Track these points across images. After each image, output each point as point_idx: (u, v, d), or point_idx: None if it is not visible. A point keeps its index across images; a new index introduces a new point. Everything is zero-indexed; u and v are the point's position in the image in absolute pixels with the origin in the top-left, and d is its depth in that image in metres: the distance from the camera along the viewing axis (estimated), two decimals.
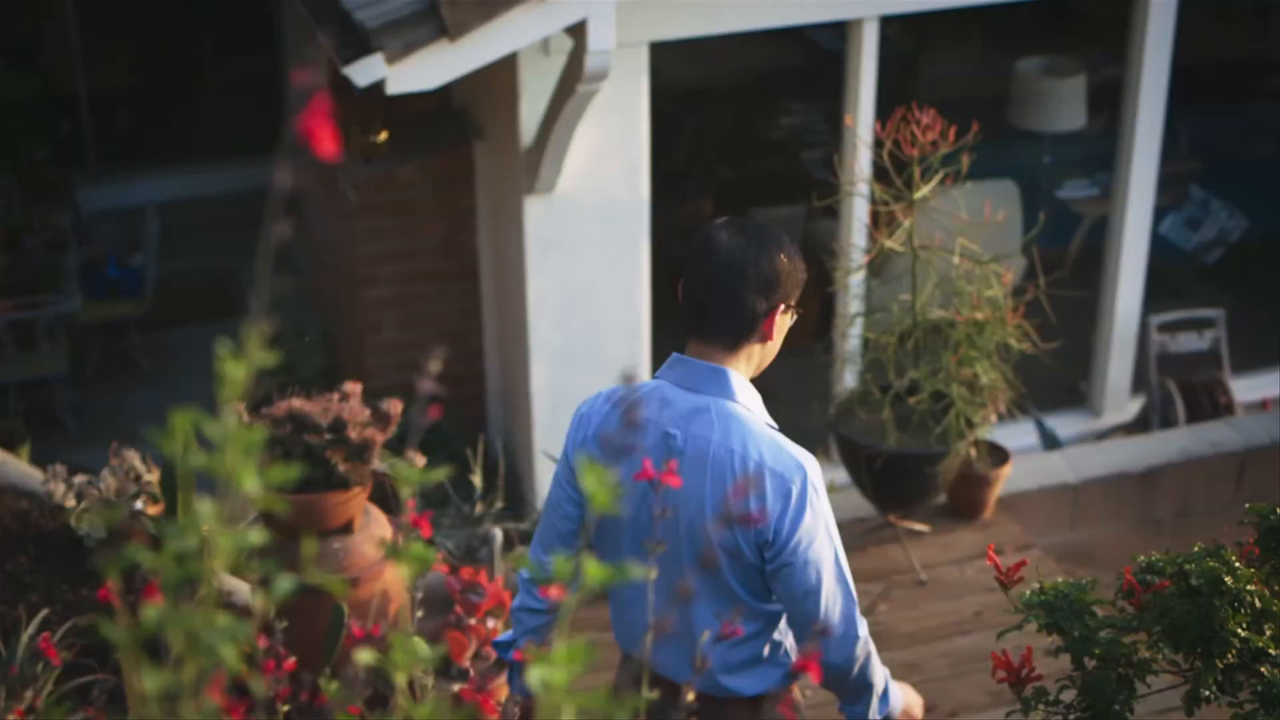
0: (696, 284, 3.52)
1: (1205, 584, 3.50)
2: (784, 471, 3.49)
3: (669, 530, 3.55)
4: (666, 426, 3.51)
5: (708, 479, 3.49)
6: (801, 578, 3.52)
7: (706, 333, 3.52)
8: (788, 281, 3.53)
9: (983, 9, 7.47)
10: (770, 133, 9.55)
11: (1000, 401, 6.27)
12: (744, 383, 3.55)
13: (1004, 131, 9.13)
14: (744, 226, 3.54)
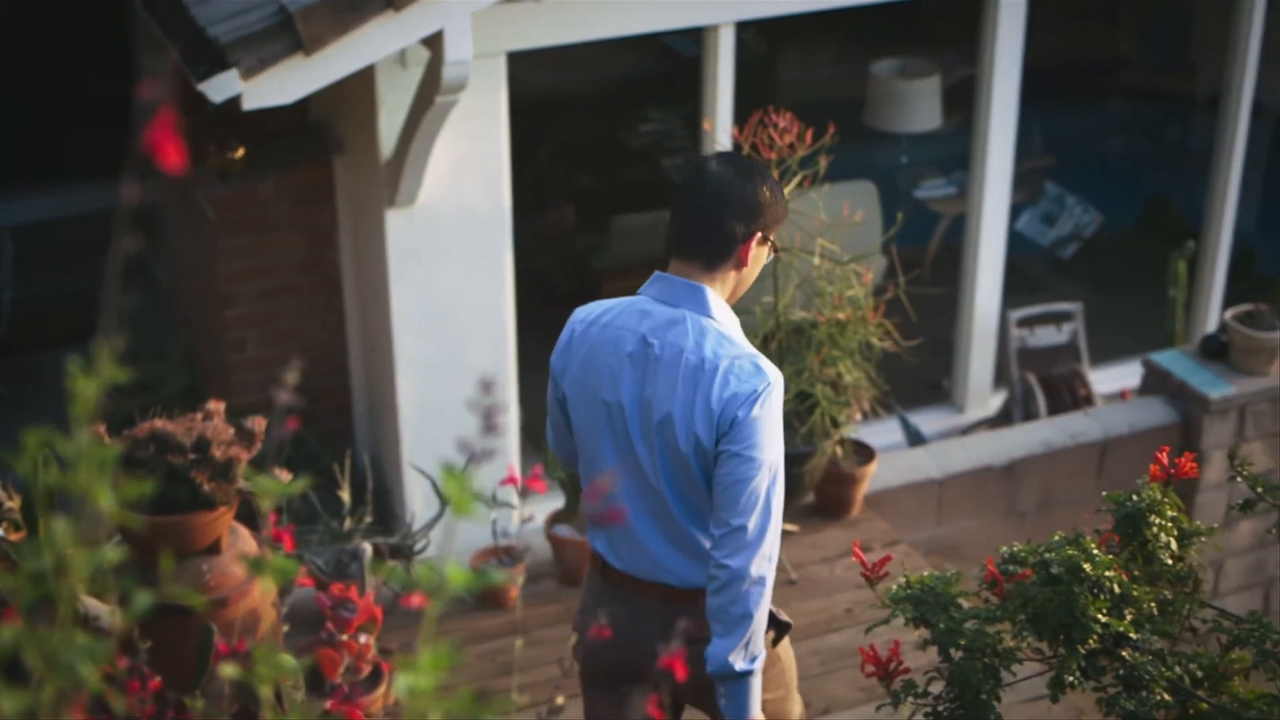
0: (684, 207, 3.87)
1: (1065, 572, 3.56)
2: (748, 376, 3.77)
3: (645, 432, 3.85)
4: (645, 334, 3.85)
5: (680, 382, 3.79)
6: (740, 467, 3.75)
7: (688, 253, 3.85)
8: (767, 213, 3.86)
9: (837, 13, 7.55)
10: (631, 140, 9.59)
11: (864, 400, 6.34)
12: (719, 301, 3.87)
13: (861, 133, 9.23)
14: (733, 158, 3.94)
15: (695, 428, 3.78)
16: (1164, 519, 3.80)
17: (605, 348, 3.90)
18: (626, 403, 3.87)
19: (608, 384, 3.89)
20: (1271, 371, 7.58)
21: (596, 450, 3.95)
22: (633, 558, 3.99)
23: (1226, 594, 7.88)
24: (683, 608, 3.91)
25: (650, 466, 3.87)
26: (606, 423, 3.91)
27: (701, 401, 3.77)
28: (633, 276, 8.92)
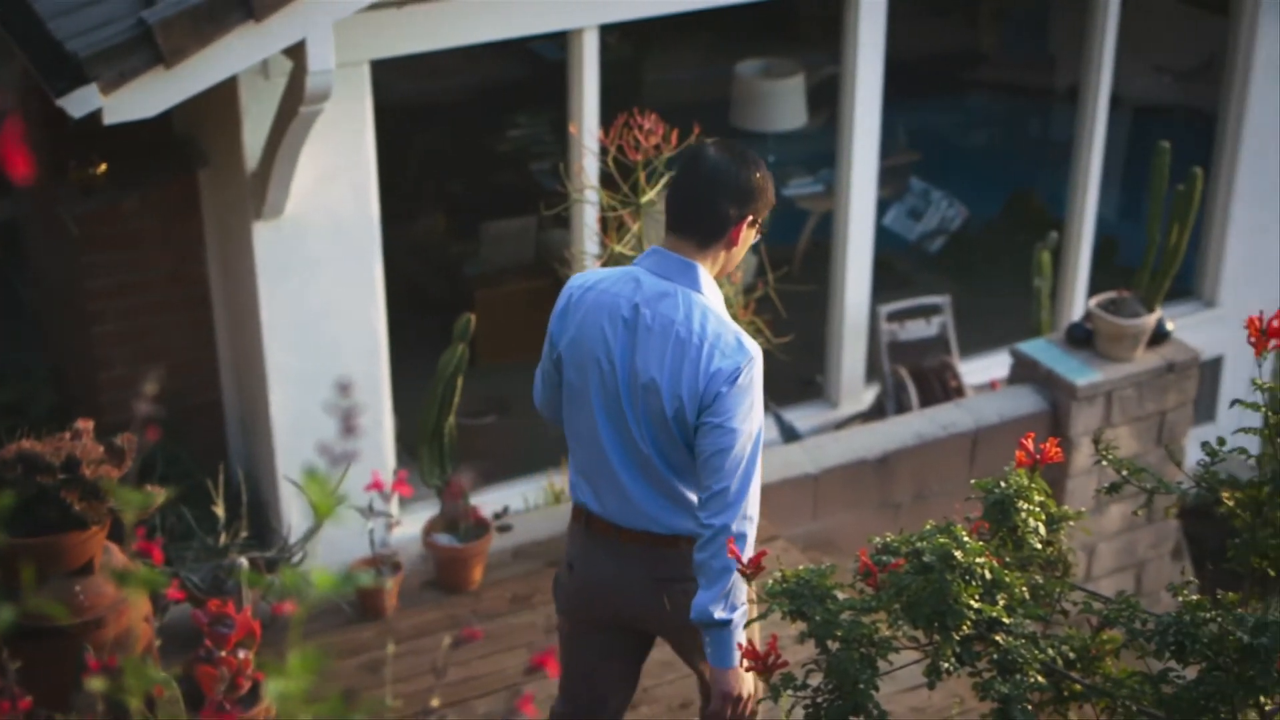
0: (681, 189, 4.20)
1: (938, 560, 3.61)
2: (732, 352, 4.08)
3: (633, 396, 4.16)
4: (639, 303, 4.14)
5: (668, 352, 4.10)
6: (721, 438, 4.07)
7: (684, 231, 4.16)
8: (759, 198, 4.18)
9: (701, 14, 7.59)
10: (498, 145, 9.58)
11: None
12: (709, 279, 4.18)
13: (728, 133, 9.28)
14: (730, 146, 4.22)
15: (680, 395, 4.09)
16: (1032, 504, 3.86)
17: (600, 312, 4.19)
18: (618, 365, 4.17)
19: (601, 346, 4.19)
20: (1136, 357, 7.71)
21: (587, 407, 4.25)
22: (618, 507, 4.28)
23: (1099, 577, 8.00)
24: (664, 552, 4.28)
25: (636, 424, 4.18)
26: (598, 382, 4.21)
27: (689, 372, 4.08)
28: (504, 282, 8.98)
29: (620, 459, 4.23)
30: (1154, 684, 3.84)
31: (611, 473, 4.26)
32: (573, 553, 4.46)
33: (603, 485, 4.30)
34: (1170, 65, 11.02)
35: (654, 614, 4.38)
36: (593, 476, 4.32)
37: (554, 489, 7.50)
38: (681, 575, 4.26)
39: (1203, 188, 7.80)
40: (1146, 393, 7.75)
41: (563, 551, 4.58)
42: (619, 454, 4.23)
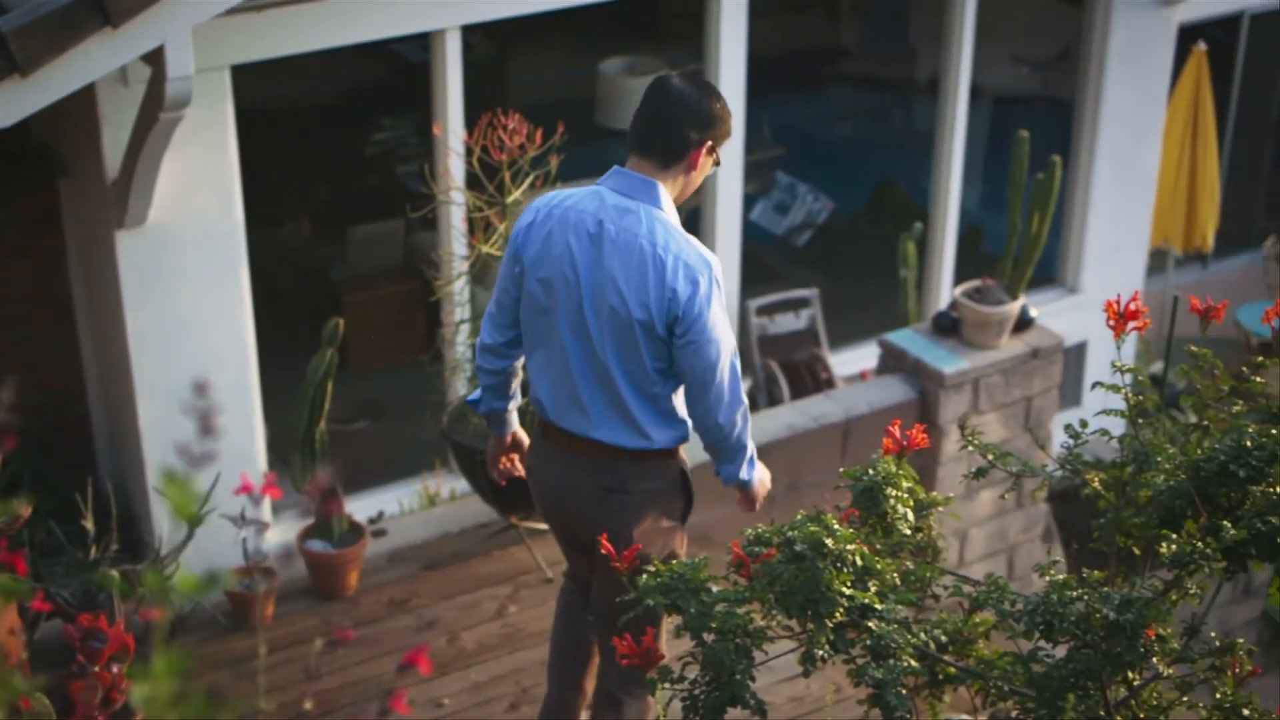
0: (646, 112, 4.44)
1: (809, 549, 3.65)
2: (694, 264, 4.35)
3: (597, 307, 4.40)
4: (603, 219, 4.38)
5: (633, 265, 4.34)
6: (704, 353, 4.39)
7: (646, 152, 4.42)
8: (718, 124, 4.44)
9: (564, 13, 7.60)
10: (364, 149, 9.53)
11: None
12: (669, 198, 4.43)
13: (594, 132, 9.30)
14: (692, 77, 4.53)
15: (648, 304, 4.35)
16: (900, 491, 3.91)
17: (566, 227, 4.42)
18: (583, 277, 4.40)
19: (566, 259, 4.42)
20: (1001, 344, 7.82)
21: (551, 319, 4.49)
22: (572, 417, 4.57)
23: (972, 562, 8.10)
24: (609, 462, 4.58)
25: (598, 334, 4.43)
26: (564, 295, 4.43)
27: (654, 282, 4.33)
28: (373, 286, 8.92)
29: (580, 368, 4.50)
30: (1025, 664, 3.91)
31: (571, 382, 4.53)
32: (531, 460, 4.84)
33: (562, 395, 4.57)
34: (1028, 55, 11.18)
35: (594, 520, 4.65)
36: (553, 387, 4.58)
37: (428, 492, 7.48)
38: (623, 487, 4.61)
39: (1062, 175, 7.92)
40: (1013, 379, 7.86)
41: (439, 553, 4.68)
42: (579, 363, 4.49)
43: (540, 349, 4.57)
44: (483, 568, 6.64)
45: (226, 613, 6.34)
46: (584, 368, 4.49)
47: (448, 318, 7.20)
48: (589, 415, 4.54)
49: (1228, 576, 3.81)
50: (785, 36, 10.15)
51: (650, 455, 4.63)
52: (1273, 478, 3.85)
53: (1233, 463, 3.84)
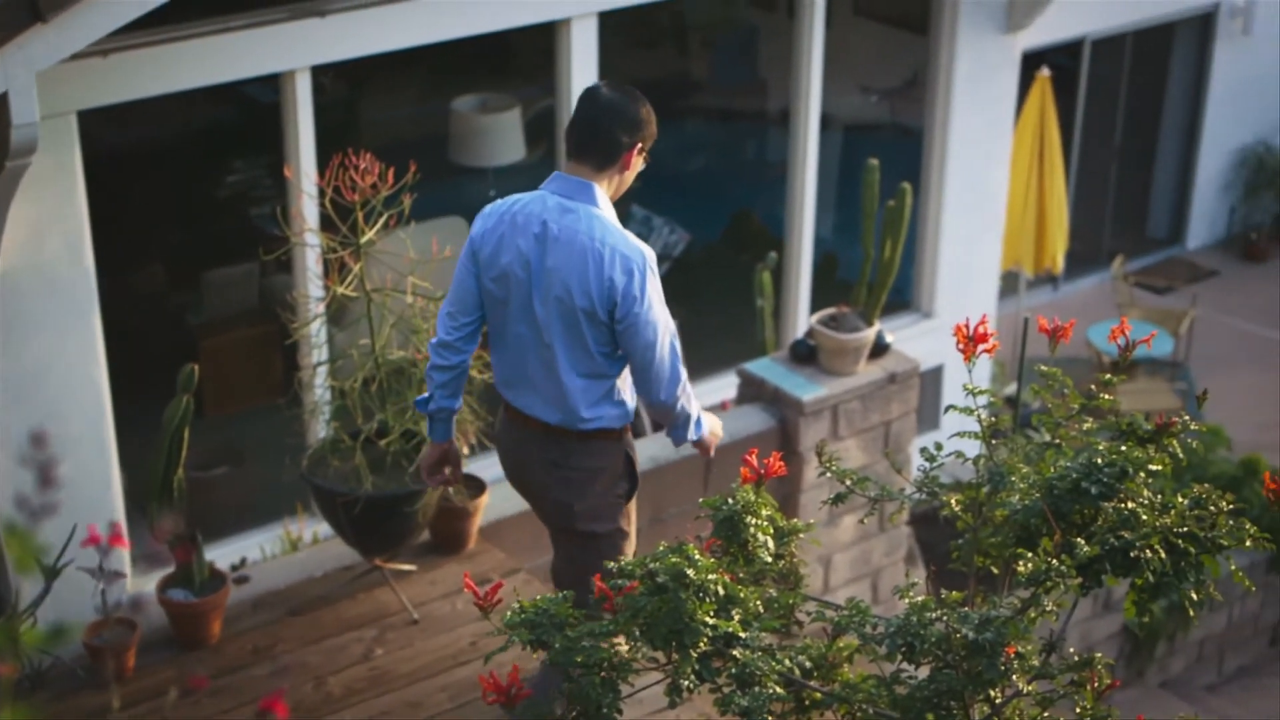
0: (581, 121, 4.91)
1: (671, 580, 3.66)
2: (629, 255, 4.81)
3: (545, 299, 4.86)
4: (546, 220, 4.85)
5: (575, 258, 4.80)
6: (644, 334, 4.86)
7: (582, 157, 4.89)
8: (646, 128, 4.94)
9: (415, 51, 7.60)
10: (217, 192, 9.44)
11: (470, 433, 6.37)
12: (605, 197, 4.90)
13: (448, 169, 9.29)
14: (619, 86, 4.98)
15: (590, 293, 4.80)
16: (760, 519, 3.93)
17: (515, 230, 4.90)
18: (532, 271, 4.87)
19: (518, 258, 4.89)
20: (858, 370, 7.89)
21: (506, 310, 4.98)
22: (525, 398, 5.09)
23: (837, 587, 8.16)
24: (556, 439, 5.07)
25: (545, 323, 4.90)
26: (516, 288, 4.91)
27: (594, 274, 4.78)
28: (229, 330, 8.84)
29: (531, 354, 4.99)
30: (888, 686, 3.94)
31: (523, 367, 5.04)
32: (498, 434, 5.36)
33: (516, 378, 5.09)
34: (876, 84, 11.32)
35: (544, 490, 5.22)
36: (509, 372, 5.10)
37: (290, 537, 7.42)
38: (566, 463, 5.10)
39: (913, 202, 8.02)
40: (871, 404, 7.94)
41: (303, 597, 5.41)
42: (530, 350, 4.98)
43: (499, 338, 5.09)
44: (348, 611, 6.58)
45: (86, 666, 6.23)
46: (534, 354, 4.98)
47: (305, 360, 7.15)
48: (538, 397, 5.05)
49: (1084, 592, 3.87)
50: (636, 70, 10.21)
51: (592, 435, 5.08)
52: (1124, 494, 3.92)
53: (1085, 480, 3.90)
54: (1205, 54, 15.91)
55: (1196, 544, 3.86)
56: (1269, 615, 11.59)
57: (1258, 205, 16.73)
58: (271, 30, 7.17)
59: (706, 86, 11.30)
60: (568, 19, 8.16)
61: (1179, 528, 3.86)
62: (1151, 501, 3.95)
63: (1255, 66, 16.13)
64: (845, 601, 4.01)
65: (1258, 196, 16.66)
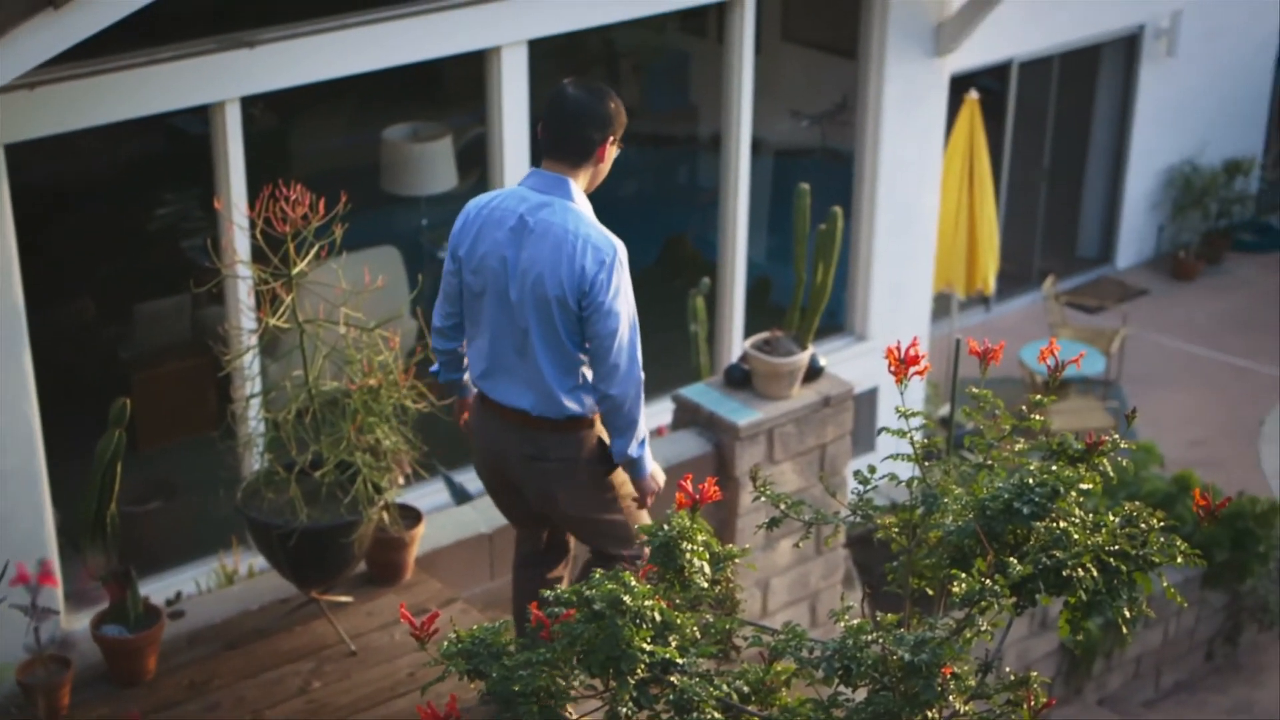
0: (553, 123, 5.13)
1: (607, 607, 3.66)
2: (601, 246, 5.05)
3: (520, 290, 5.09)
4: (523, 213, 5.09)
5: (549, 249, 5.04)
6: (605, 322, 5.07)
7: (558, 155, 5.13)
8: (616, 121, 5.16)
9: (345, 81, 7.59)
10: (148, 224, 9.39)
11: (405, 463, 6.35)
12: (579, 191, 5.15)
13: (380, 199, 9.28)
14: (585, 84, 5.16)
15: (561, 282, 5.02)
16: (695, 545, 3.94)
17: (493, 224, 5.15)
18: (509, 263, 5.10)
19: (495, 251, 5.13)
20: (793, 394, 7.91)
21: (482, 305, 5.22)
22: (503, 388, 5.28)
23: (775, 611, 8.17)
24: (532, 432, 5.27)
25: (521, 313, 5.12)
26: (494, 280, 5.14)
27: (566, 263, 5.01)
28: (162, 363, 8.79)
29: (507, 345, 5.20)
30: (826, 709, 3.95)
31: (500, 358, 5.25)
32: (474, 424, 5.53)
33: (493, 369, 5.28)
34: (806, 109, 11.38)
35: (523, 483, 5.42)
36: (486, 363, 5.30)
37: (225, 570, 7.37)
38: (543, 455, 5.29)
39: (844, 225, 8.06)
40: (806, 428, 7.96)
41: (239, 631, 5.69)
42: (507, 341, 5.20)
43: (477, 329, 5.31)
44: (285, 644, 6.54)
45: (20, 704, 6.17)
46: (510, 345, 5.20)
47: (238, 392, 7.12)
48: (515, 385, 5.25)
49: (1018, 612, 3.89)
50: None
51: (565, 425, 5.27)
52: (1056, 513, 3.95)
53: (1016, 500, 3.93)
54: (1131, 75, 16.07)
55: (1128, 561, 3.89)
56: (1204, 630, 11.68)
57: (1185, 224, 16.91)
58: (200, 61, 7.15)
59: (638, 112, 11.31)
60: (498, 47, 8.17)
61: (1110, 546, 3.88)
62: (1083, 520, 3.97)
63: (1180, 87, 16.31)
64: (782, 625, 4.02)
65: (1185, 215, 16.84)
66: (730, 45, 9.27)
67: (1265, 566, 11.57)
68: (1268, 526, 11.42)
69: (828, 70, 11.09)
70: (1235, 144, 17.16)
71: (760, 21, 9.41)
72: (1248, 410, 14.51)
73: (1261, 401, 14.65)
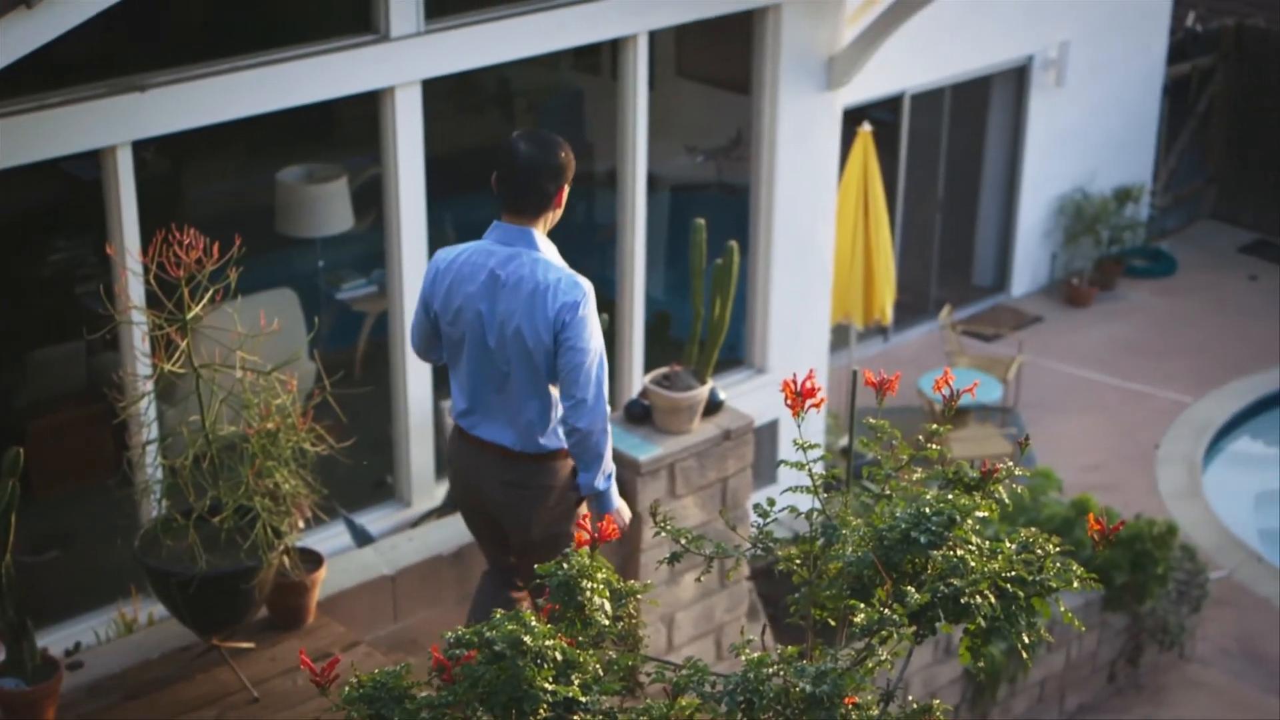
0: (507, 179, 5.45)
1: (508, 647, 3.65)
2: (571, 289, 5.43)
3: (499, 338, 5.46)
4: (493, 267, 5.45)
5: (524, 298, 5.41)
6: (574, 357, 5.42)
7: (517, 209, 5.48)
8: (568, 169, 5.50)
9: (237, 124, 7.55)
10: (39, 270, 9.29)
11: (305, 507, 6.32)
12: (543, 238, 5.52)
13: (276, 241, 9.23)
14: (534, 137, 5.48)
15: (537, 328, 5.41)
16: (595, 582, 3.94)
17: (464, 279, 5.50)
18: (485, 315, 5.46)
19: (469, 305, 5.49)
20: (693, 429, 7.94)
21: (461, 351, 5.59)
22: (483, 426, 5.65)
23: (680, 645, 8.18)
24: (510, 463, 5.63)
25: (501, 358, 5.50)
26: (470, 331, 5.50)
27: (540, 309, 5.39)
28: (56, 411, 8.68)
29: (487, 387, 5.57)
30: None
31: (480, 398, 5.61)
32: (450, 453, 5.97)
33: (475, 408, 5.65)
34: (701, 144, 11.44)
35: (501, 509, 5.75)
36: (467, 403, 5.67)
37: (125, 619, 7.29)
38: (522, 483, 5.63)
39: (741, 259, 8.10)
40: (707, 462, 7.99)
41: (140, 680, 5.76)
42: (487, 383, 5.57)
43: (458, 372, 5.66)
44: (186, 692, 6.48)
45: None
46: (491, 385, 5.57)
47: (135, 439, 7.04)
48: (497, 424, 5.62)
49: (918, 640, 3.92)
50: (462, 137, 10.22)
51: (543, 457, 5.65)
52: (953, 541, 3.98)
53: (914, 530, 3.96)
54: (1021, 106, 16.27)
55: (1025, 587, 3.93)
56: (1106, 652, 11.80)
57: (1078, 251, 17.13)
58: (91, 106, 7.09)
59: None
60: (391, 87, 8.15)
61: (1008, 572, 3.92)
62: (980, 548, 4.01)
63: (1069, 116, 16.53)
64: (685, 660, 4.03)
65: (1077, 243, 17.05)
66: (624, 82, 9.30)
67: (1164, 588, 11.70)
68: (1165, 548, 11.55)
69: (722, 105, 11.15)
70: (1125, 171, 17.40)
71: (654, 58, 9.46)
72: (1143, 434, 14.69)
73: (1156, 425, 14.84)
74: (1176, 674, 12.07)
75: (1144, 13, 17.03)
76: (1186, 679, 12.01)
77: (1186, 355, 16.05)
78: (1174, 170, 18.60)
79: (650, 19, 9.24)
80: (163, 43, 7.81)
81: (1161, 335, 16.51)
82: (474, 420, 5.68)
